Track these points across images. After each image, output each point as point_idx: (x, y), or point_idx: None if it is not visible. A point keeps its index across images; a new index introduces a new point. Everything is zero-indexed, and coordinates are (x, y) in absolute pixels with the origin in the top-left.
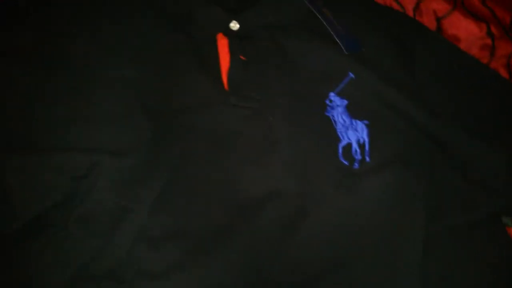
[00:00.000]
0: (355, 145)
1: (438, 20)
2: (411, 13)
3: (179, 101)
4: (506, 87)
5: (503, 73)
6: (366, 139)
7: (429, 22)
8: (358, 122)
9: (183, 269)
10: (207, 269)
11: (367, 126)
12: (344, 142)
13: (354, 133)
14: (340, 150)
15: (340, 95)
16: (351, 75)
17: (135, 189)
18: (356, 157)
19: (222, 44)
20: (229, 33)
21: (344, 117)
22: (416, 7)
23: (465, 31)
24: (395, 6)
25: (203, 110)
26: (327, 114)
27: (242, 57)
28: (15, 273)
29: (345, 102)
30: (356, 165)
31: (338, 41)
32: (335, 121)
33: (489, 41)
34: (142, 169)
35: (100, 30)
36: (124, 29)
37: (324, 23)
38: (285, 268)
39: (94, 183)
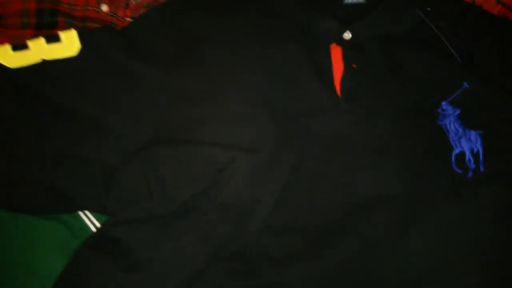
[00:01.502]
0: (468, 154)
1: None
2: None
3: (298, 106)
4: None
5: None
6: (480, 149)
7: None
8: (472, 131)
9: (301, 258)
10: (322, 260)
11: (481, 135)
12: (457, 150)
13: (467, 142)
14: (453, 158)
15: (452, 104)
16: (466, 85)
17: (264, 183)
18: (470, 166)
19: (336, 53)
20: (342, 42)
21: (456, 126)
22: None
23: None
24: (511, 16)
25: (318, 115)
26: (439, 122)
27: (354, 66)
28: (163, 248)
29: (458, 111)
30: (470, 174)
31: (453, 51)
32: (447, 129)
33: None
34: (268, 165)
35: (230, 39)
36: (251, 38)
37: (438, 33)
38: (391, 268)
39: (232, 175)
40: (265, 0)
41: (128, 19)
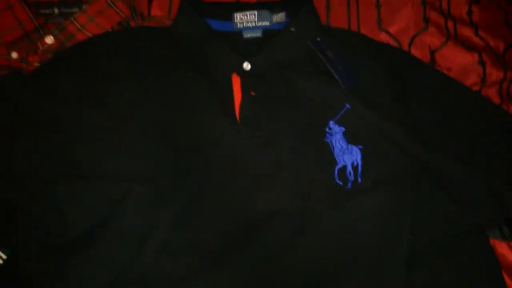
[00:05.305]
0: (349, 168)
1: (432, 52)
2: (406, 48)
3: (198, 135)
4: (496, 111)
5: (495, 99)
6: (359, 162)
7: (423, 55)
8: (354, 146)
9: (200, 276)
10: (221, 276)
11: (361, 150)
12: (340, 165)
13: (349, 157)
14: (336, 172)
15: (339, 123)
16: (348, 106)
17: (159, 211)
18: (350, 178)
19: (236, 82)
20: (242, 72)
21: (341, 142)
22: (411, 42)
23: (457, 61)
24: (392, 42)
25: (218, 142)
26: (326, 140)
27: (252, 93)
28: (64, 278)
29: (343, 129)
30: (349, 186)
31: (336, 76)
32: (333, 146)
33: (480, 69)
34: (164, 194)
35: (134, 74)
36: (154, 72)
37: (325, 61)
38: (287, 276)
39: (126, 205)
40: (170, 37)
41: (36, 63)
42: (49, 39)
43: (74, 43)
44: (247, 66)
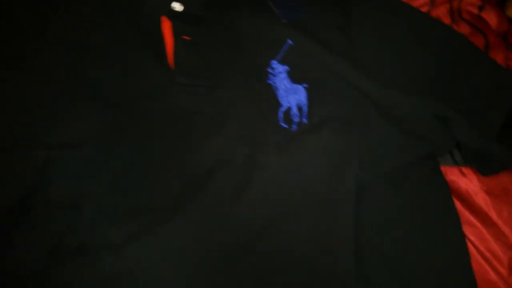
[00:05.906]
0: (294, 109)
1: None
2: None
3: (132, 89)
4: (445, 33)
5: (445, 19)
6: (305, 102)
7: None
8: (298, 86)
9: (140, 240)
10: (163, 237)
11: (306, 89)
12: (284, 107)
13: (294, 97)
14: (281, 114)
15: (282, 62)
16: (290, 42)
17: (93, 174)
18: (295, 120)
19: (166, 26)
20: (172, 15)
21: (285, 83)
22: None
23: None
24: None
25: (154, 93)
26: (268, 81)
27: (186, 37)
28: None
29: (287, 68)
30: (294, 127)
31: (274, 10)
32: (276, 87)
33: None
34: (98, 156)
35: (48, 25)
36: (76, 25)
37: None
38: (237, 227)
39: (53, 173)
40: None
41: None
42: None
43: None
44: (178, 7)
